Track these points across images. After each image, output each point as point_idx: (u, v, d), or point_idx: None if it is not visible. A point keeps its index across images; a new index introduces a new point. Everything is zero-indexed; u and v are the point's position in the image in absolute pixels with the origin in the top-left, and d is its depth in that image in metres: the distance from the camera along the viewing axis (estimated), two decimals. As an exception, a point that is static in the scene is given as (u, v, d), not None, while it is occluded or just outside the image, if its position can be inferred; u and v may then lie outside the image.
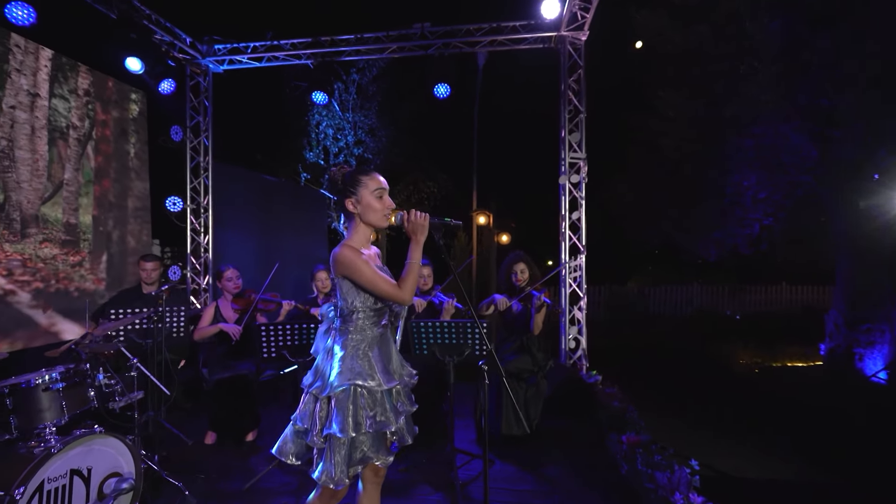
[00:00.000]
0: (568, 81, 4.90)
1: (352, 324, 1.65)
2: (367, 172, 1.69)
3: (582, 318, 4.90)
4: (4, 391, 1.99)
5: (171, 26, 5.14)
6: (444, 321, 2.76)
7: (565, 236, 4.92)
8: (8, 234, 3.57)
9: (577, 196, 4.92)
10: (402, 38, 5.31)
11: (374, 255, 1.75)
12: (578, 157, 4.89)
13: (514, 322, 3.57)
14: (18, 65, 3.70)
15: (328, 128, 8.66)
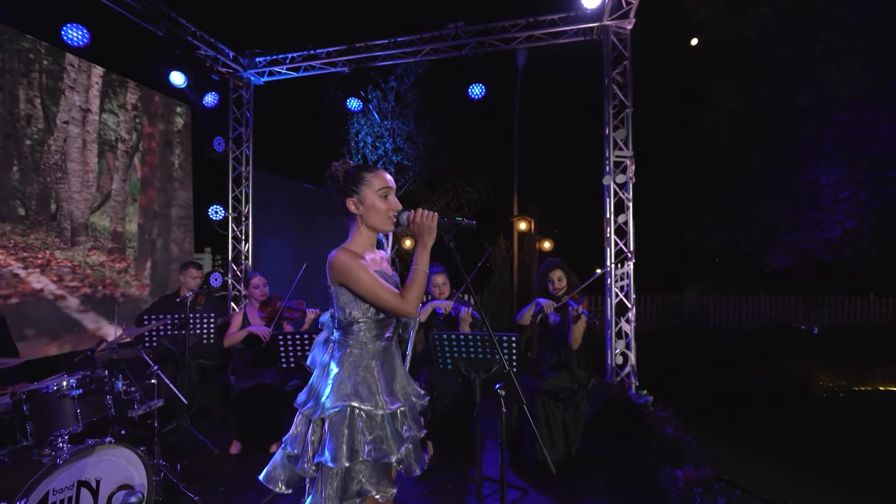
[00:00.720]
0: (612, 74, 4.54)
1: (351, 336, 1.47)
2: (371, 169, 1.51)
3: (630, 330, 4.47)
4: (22, 397, 2.00)
5: (214, 41, 5.33)
6: (470, 333, 2.53)
7: (610, 241, 4.53)
8: (59, 242, 3.76)
9: (624, 198, 4.51)
10: (436, 40, 5.18)
11: (378, 259, 1.57)
12: (624, 156, 4.50)
13: (552, 334, 3.26)
14: (72, 82, 3.93)
15: (367, 136, 8.71)
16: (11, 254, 3.42)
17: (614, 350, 4.43)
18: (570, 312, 2.99)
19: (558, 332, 3.24)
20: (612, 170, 4.51)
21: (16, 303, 3.42)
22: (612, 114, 4.54)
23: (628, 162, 4.48)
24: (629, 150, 4.48)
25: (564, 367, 3.17)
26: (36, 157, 3.63)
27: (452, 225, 1.49)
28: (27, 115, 3.59)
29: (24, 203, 3.54)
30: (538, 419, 3.01)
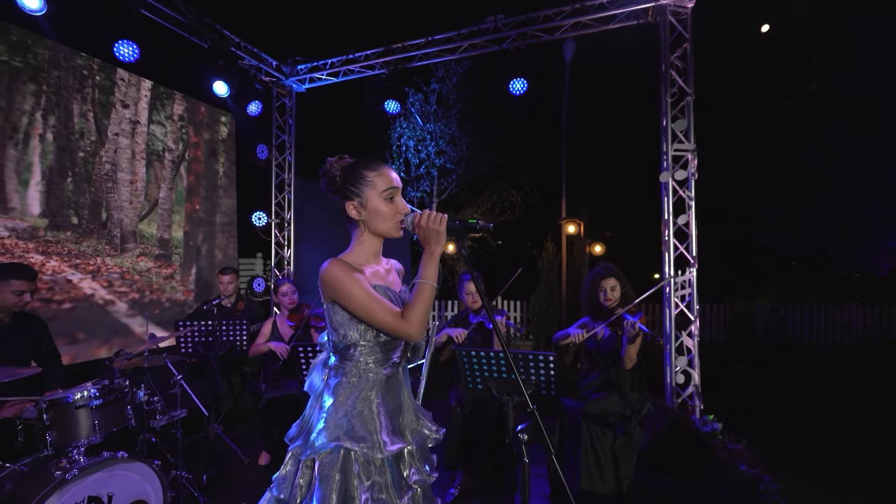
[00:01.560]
0: (670, 59, 4.07)
1: (349, 362, 1.26)
2: (374, 167, 1.28)
3: (693, 346, 3.95)
4: (43, 406, 1.99)
5: (257, 51, 5.44)
6: (501, 351, 2.24)
7: (669, 246, 4.04)
8: (109, 249, 3.92)
9: (684, 196, 4.01)
10: (474, 35, 4.94)
11: (383, 272, 1.34)
12: (685, 149, 4.00)
13: (599, 350, 2.89)
14: (122, 96, 4.10)
15: (409, 140, 8.64)
16: (65, 260, 3.59)
17: (674, 368, 3.93)
18: (626, 328, 2.61)
19: (607, 347, 2.87)
20: (670, 165, 4.03)
21: (69, 307, 3.58)
22: (671, 103, 4.06)
23: (689, 156, 3.98)
24: (691, 142, 3.98)
25: (614, 389, 2.79)
26: (88, 168, 3.80)
27: (465, 228, 1.24)
28: (81, 128, 3.77)
29: (77, 212, 3.71)
30: (583, 446, 2.66)
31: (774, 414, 4.73)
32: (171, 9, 4.32)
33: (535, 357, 2.14)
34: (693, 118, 4.00)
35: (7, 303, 2.43)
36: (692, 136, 3.99)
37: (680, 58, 4.06)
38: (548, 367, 2.14)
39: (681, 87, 4.04)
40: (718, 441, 3.21)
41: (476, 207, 9.50)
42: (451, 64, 8.60)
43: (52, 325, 3.48)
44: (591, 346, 2.92)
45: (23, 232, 3.35)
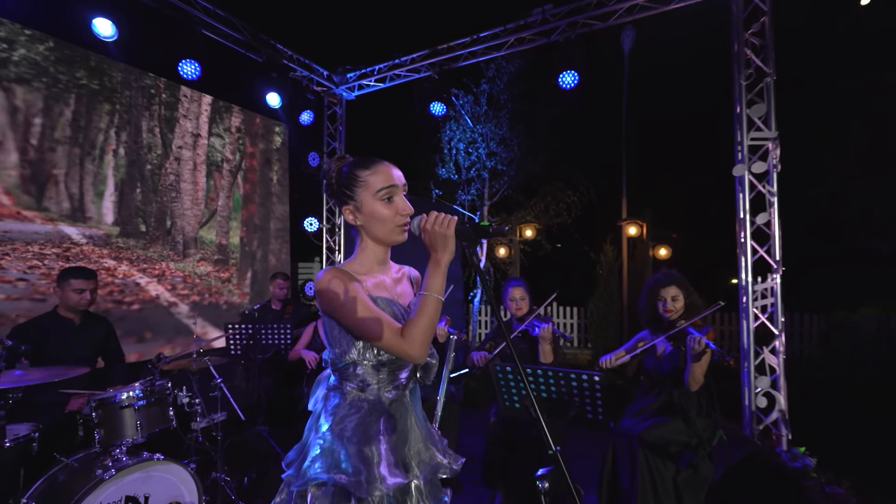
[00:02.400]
0: (744, 37, 3.58)
1: (349, 382, 1.13)
2: (368, 164, 1.15)
3: (778, 364, 3.42)
4: (92, 404, 2.09)
5: (309, 62, 5.62)
6: (540, 368, 2.03)
7: (746, 248, 3.55)
8: (173, 255, 4.18)
9: (765, 191, 3.50)
10: (521, 29, 4.73)
11: (390, 282, 1.20)
12: (764, 138, 3.50)
13: (659, 368, 2.56)
14: (185, 111, 4.38)
15: (459, 142, 8.53)
16: (134, 265, 3.87)
17: (754, 389, 3.42)
18: (690, 344, 2.27)
19: (668, 365, 2.52)
20: (745, 157, 3.54)
21: (137, 308, 3.86)
22: (745, 86, 3.57)
23: (770, 145, 3.47)
24: (771, 129, 3.47)
25: (677, 413, 2.44)
26: (155, 179, 4.09)
27: (477, 232, 1.07)
28: (148, 143, 4.06)
29: (145, 220, 4.00)
30: (640, 479, 2.35)
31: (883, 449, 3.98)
32: (229, 27, 4.56)
33: (578, 377, 1.89)
34: (774, 102, 3.48)
35: (70, 302, 2.62)
36: (773, 123, 3.48)
37: (756, 34, 3.56)
38: (593, 388, 1.89)
39: (758, 67, 3.54)
40: (812, 481, 2.72)
41: (529, 209, 9.16)
42: (502, 63, 8.38)
43: (122, 325, 3.76)
44: (649, 364, 2.59)
45: (98, 239, 3.66)
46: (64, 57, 3.54)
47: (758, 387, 3.42)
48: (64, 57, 3.54)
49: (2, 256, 3.12)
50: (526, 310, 2.95)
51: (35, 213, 3.32)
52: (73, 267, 2.66)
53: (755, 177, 3.54)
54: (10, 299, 3.12)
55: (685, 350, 2.39)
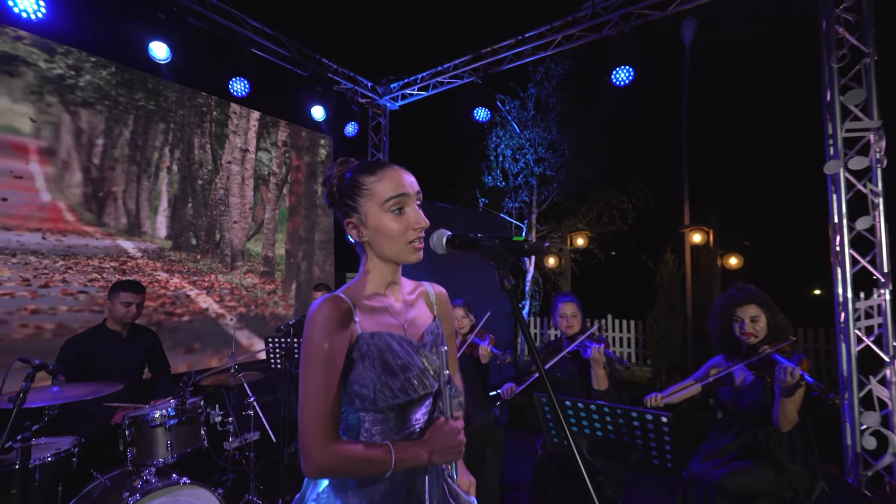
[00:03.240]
0: (835, 13, 3.09)
1: (355, 432, 0.95)
2: (373, 169, 0.97)
3: (890, 397, 2.85)
4: (126, 422, 2.08)
5: (353, 75, 5.66)
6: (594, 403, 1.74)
7: (843, 258, 3.02)
8: (221, 267, 4.28)
9: (867, 191, 2.97)
10: (569, 26, 4.45)
11: (399, 307, 1.01)
12: (864, 129, 2.98)
13: (739, 402, 2.17)
14: (234, 127, 4.51)
15: (506, 149, 8.29)
16: (185, 278, 3.99)
17: (859, 426, 2.87)
18: (779, 376, 1.87)
19: (750, 398, 2.13)
20: (840, 151, 3.02)
21: (187, 320, 3.96)
22: (837, 70, 3.07)
23: (872, 137, 2.94)
24: (873, 118, 2.94)
25: (765, 458, 2.04)
26: (205, 194, 4.22)
27: (510, 250, 0.85)
28: (200, 159, 4.21)
29: (195, 234, 4.12)
30: (718, 535, 1.98)
31: None
32: (276, 44, 4.67)
33: (642, 416, 1.59)
34: (875, 86, 2.96)
35: (117, 314, 2.68)
36: (874, 111, 2.95)
37: (851, 9, 3.06)
38: (660, 431, 1.58)
39: (853, 47, 3.03)
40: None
41: (580, 217, 8.70)
42: (551, 65, 8.07)
43: (172, 336, 3.87)
44: (725, 396, 2.21)
45: (152, 252, 3.80)
46: (124, 80, 3.74)
47: (864, 423, 2.86)
48: (124, 80, 3.74)
49: (65, 270, 3.30)
50: (577, 328, 2.65)
51: (95, 229, 3.50)
52: (123, 280, 2.73)
53: (853, 174, 3.01)
54: (71, 311, 3.29)
55: (771, 381, 2.00)
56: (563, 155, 8.24)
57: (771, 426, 1.99)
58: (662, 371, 6.94)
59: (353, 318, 0.92)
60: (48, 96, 3.32)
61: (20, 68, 3.20)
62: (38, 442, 2.10)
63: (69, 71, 3.43)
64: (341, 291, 0.96)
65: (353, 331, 0.91)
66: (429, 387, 0.96)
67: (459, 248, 0.92)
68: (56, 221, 3.31)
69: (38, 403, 1.77)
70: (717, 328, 2.28)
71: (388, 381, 0.90)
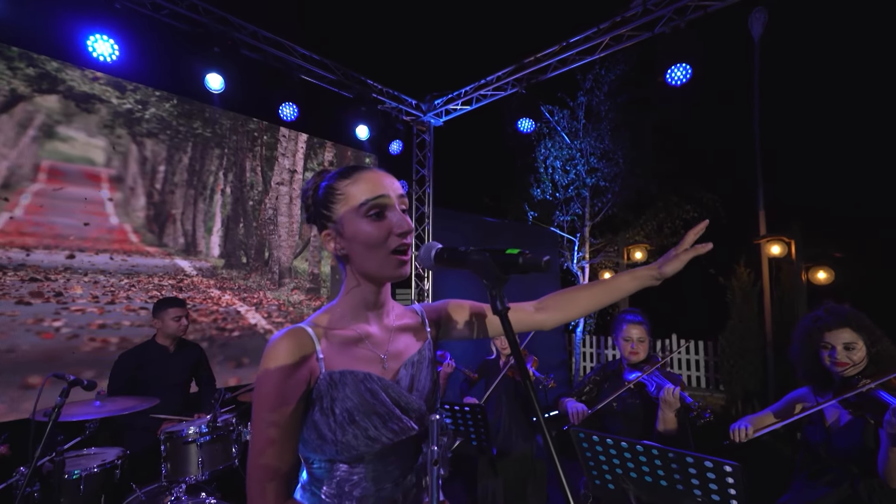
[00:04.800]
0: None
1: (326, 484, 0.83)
2: (349, 173, 0.85)
3: None
4: (161, 437, 2.12)
5: (397, 94, 5.75)
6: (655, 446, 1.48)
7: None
8: (269, 284, 4.42)
9: None
10: (617, 26, 4.20)
11: (380, 336, 0.89)
12: None
13: (831, 445, 1.79)
14: (283, 150, 4.70)
15: (556, 160, 8.00)
16: (236, 294, 4.16)
17: None
18: (889, 418, 1.48)
19: (846, 441, 1.75)
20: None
21: (237, 335, 4.11)
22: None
23: None
24: None
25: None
26: (256, 214, 4.41)
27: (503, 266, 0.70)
28: (251, 181, 4.42)
29: (246, 253, 4.30)
30: None
31: None
32: (323, 69, 4.85)
33: (700, 463, 1.32)
34: None
35: (170, 329, 2.80)
36: None
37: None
38: (723, 483, 1.30)
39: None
40: None
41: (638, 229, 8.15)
42: (601, 71, 7.75)
43: (223, 351, 4.02)
44: (814, 437, 1.83)
45: (206, 271, 4.00)
46: (184, 111, 4.03)
47: None
48: (184, 111, 4.03)
49: (129, 288, 3.54)
50: (644, 356, 2.29)
51: (156, 249, 3.75)
52: (167, 298, 2.86)
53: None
54: (133, 326, 3.51)
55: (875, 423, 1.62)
56: (618, 164, 7.80)
57: (876, 479, 1.61)
58: (738, 398, 6.19)
59: (316, 354, 0.80)
60: (118, 129, 3.64)
61: (96, 105, 3.54)
62: (88, 452, 2.19)
63: (137, 105, 3.75)
64: (310, 320, 0.85)
65: (313, 368, 0.80)
66: (406, 431, 0.82)
67: (448, 264, 0.78)
68: (122, 243, 3.58)
69: (79, 417, 1.84)
70: (801, 356, 1.91)
71: (350, 428, 0.78)
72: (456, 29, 9.08)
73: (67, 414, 1.74)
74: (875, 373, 1.68)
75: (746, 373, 6.24)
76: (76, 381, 1.67)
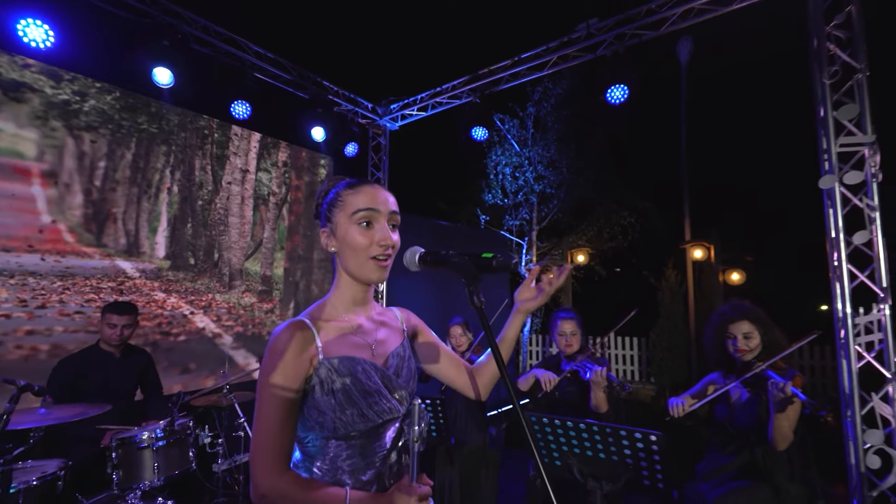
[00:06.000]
0: (826, 30, 3.13)
1: (320, 460, 0.93)
2: (354, 185, 1.00)
3: (893, 415, 2.77)
4: (113, 444, 2.05)
5: (353, 96, 5.77)
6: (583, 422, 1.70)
7: (841, 272, 2.98)
8: (219, 286, 4.29)
9: (862, 206, 2.95)
10: (564, 46, 4.53)
11: (368, 326, 1.01)
12: (858, 143, 2.98)
13: (734, 420, 2.12)
14: (235, 149, 4.58)
15: (506, 167, 8.35)
16: (182, 297, 4.00)
17: (862, 445, 2.78)
18: (772, 391, 1.84)
19: (747, 415, 2.08)
20: (835, 166, 3.02)
21: (183, 339, 3.95)
22: (830, 86, 3.09)
23: (867, 151, 2.94)
24: (867, 133, 2.94)
25: (763, 478, 1.98)
26: (205, 214, 4.27)
27: (478, 266, 0.85)
28: (200, 180, 4.27)
29: (194, 254, 4.15)
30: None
31: None
32: (278, 68, 4.78)
33: (631, 435, 1.55)
34: (868, 101, 2.97)
35: (104, 335, 2.68)
36: (868, 125, 2.95)
37: (841, 26, 3.09)
38: (649, 451, 1.54)
39: (845, 63, 3.06)
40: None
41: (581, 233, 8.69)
42: (549, 85, 8.20)
43: (168, 356, 3.86)
44: (722, 414, 2.16)
45: (150, 273, 3.82)
46: (128, 105, 3.83)
47: (867, 442, 2.77)
48: (128, 105, 3.83)
49: (63, 291, 3.32)
50: (577, 347, 2.60)
51: (94, 250, 3.53)
52: (112, 302, 2.74)
53: (848, 189, 3.00)
54: (67, 331, 3.29)
55: (765, 398, 1.95)
56: (563, 173, 8.29)
57: (767, 445, 1.94)
58: (666, 388, 6.81)
59: (316, 343, 0.91)
60: (52, 121, 3.40)
61: (26, 94, 3.29)
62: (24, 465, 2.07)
63: (74, 97, 3.52)
64: (307, 313, 0.96)
65: (313, 356, 0.90)
66: (393, 412, 0.95)
67: (431, 265, 0.92)
68: (56, 243, 3.35)
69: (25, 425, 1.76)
70: (712, 345, 2.25)
71: (348, 407, 0.89)
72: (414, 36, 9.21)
73: (13, 422, 1.66)
74: (767, 356, 2.02)
75: (674, 366, 6.88)
76: (26, 386, 1.60)
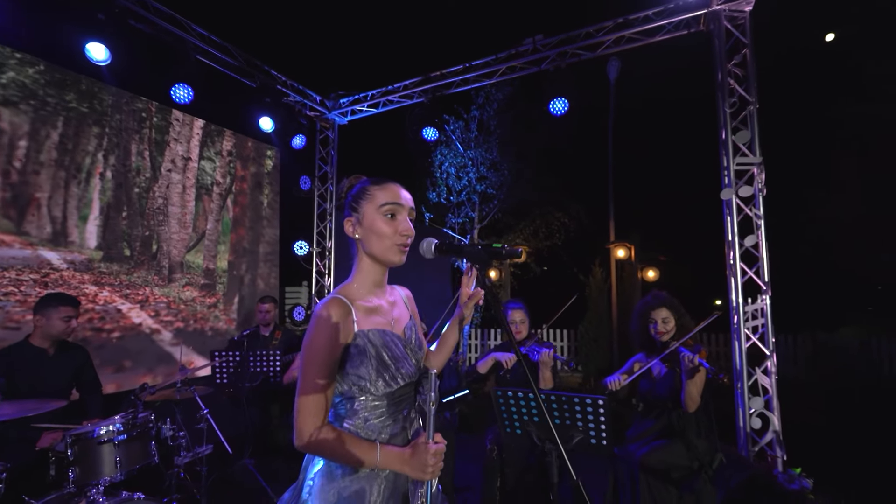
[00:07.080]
0: (727, 67, 3.73)
1: (349, 419, 1.08)
2: (381, 182, 1.15)
3: (771, 385, 3.43)
4: (68, 440, 1.96)
5: (302, 88, 5.67)
6: (544, 392, 1.97)
7: (735, 270, 3.60)
8: (157, 280, 4.06)
9: (752, 214, 3.59)
10: (512, 58, 4.86)
11: (387, 306, 1.17)
12: (749, 163, 3.60)
13: (655, 391, 2.54)
14: (176, 135, 4.34)
15: (450, 166, 8.63)
16: (116, 291, 3.75)
17: (748, 410, 3.41)
18: (684, 364, 2.29)
19: (664, 387, 2.51)
20: (732, 181, 3.63)
21: (117, 336, 3.71)
22: (730, 114, 3.70)
23: (755, 170, 3.57)
24: (756, 155, 3.58)
25: (677, 437, 2.41)
26: (142, 203, 4.01)
27: (490, 254, 1.05)
28: (137, 166, 4.00)
29: (130, 245, 3.89)
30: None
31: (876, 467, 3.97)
32: (224, 53, 4.59)
33: (582, 401, 1.85)
34: (757, 129, 3.61)
35: (56, 330, 2.50)
36: (757, 149, 3.59)
37: (739, 65, 3.72)
38: (597, 413, 1.84)
39: (741, 96, 3.68)
40: (811, 502, 2.68)
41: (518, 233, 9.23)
42: (492, 90, 8.59)
43: (100, 354, 3.61)
44: (645, 387, 2.57)
45: (79, 264, 3.54)
46: (54, 80, 3.50)
47: (752, 408, 3.41)
48: (54, 80, 3.50)
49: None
50: (525, 333, 2.93)
51: (14, 238, 3.21)
52: (57, 294, 2.55)
53: (742, 200, 3.63)
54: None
55: (679, 371, 2.39)
56: (504, 175, 8.74)
57: (681, 409, 2.37)
58: (592, 375, 7.51)
59: (352, 317, 1.06)
60: (-37, 92, 3.04)
61: (-70, 60, 2.91)
62: (-43, 469, 1.91)
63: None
64: (339, 292, 1.10)
65: (351, 328, 1.05)
66: (414, 376, 1.12)
67: (445, 254, 1.11)
68: (-33, 228, 3.00)
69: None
70: (637, 330, 2.67)
71: (383, 371, 1.05)
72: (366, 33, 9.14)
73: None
74: (678, 337, 2.46)
75: (598, 355, 7.60)
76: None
